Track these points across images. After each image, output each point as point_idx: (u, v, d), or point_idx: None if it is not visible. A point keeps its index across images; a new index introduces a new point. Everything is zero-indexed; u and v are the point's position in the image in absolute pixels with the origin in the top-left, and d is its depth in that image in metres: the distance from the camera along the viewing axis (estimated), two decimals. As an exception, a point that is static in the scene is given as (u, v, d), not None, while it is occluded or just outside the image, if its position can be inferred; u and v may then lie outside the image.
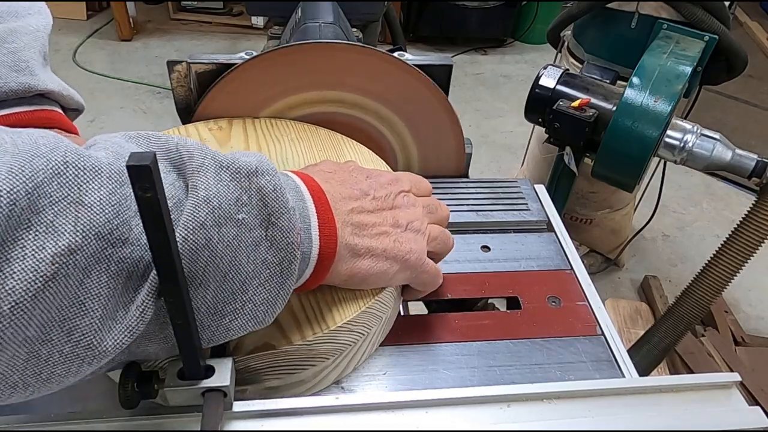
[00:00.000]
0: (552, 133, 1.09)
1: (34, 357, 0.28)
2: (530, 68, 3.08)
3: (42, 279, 0.26)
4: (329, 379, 0.47)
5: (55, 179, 0.28)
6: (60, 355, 0.29)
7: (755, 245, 1.04)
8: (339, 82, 0.65)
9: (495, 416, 0.41)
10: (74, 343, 0.29)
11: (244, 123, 0.64)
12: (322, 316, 0.43)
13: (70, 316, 0.28)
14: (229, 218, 0.33)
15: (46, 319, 0.27)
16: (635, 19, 1.30)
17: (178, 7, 3.28)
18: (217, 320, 0.34)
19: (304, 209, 0.39)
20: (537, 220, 0.67)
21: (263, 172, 0.35)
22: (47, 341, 0.28)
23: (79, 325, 0.29)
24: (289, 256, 0.36)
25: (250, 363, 0.41)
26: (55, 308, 0.28)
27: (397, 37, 1.76)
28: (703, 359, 1.45)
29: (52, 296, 0.27)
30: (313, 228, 0.39)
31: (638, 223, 1.77)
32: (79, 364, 0.30)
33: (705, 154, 1.00)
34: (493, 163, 2.36)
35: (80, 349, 0.29)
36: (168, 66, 0.65)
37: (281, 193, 0.36)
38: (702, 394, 0.43)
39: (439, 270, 0.49)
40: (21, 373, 0.28)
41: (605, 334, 0.53)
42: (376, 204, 0.44)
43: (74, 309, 0.28)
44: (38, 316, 0.27)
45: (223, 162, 0.34)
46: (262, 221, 0.35)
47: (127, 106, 2.57)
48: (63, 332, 0.28)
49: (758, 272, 1.79)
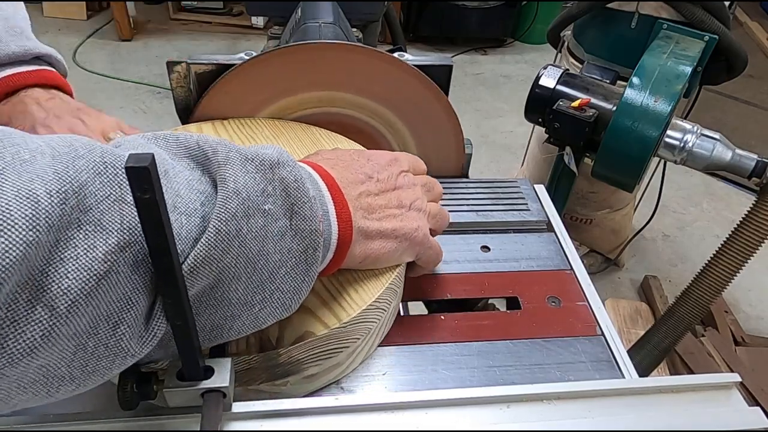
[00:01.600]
0: (552, 133, 1.09)
1: (81, 349, 0.28)
2: (530, 68, 3.08)
3: (96, 277, 0.27)
4: (358, 359, 0.48)
5: (98, 178, 0.28)
6: (105, 348, 0.29)
7: (755, 245, 1.04)
8: (339, 82, 0.65)
9: (495, 417, 0.41)
10: (119, 336, 0.29)
11: (214, 125, 0.64)
12: (351, 298, 0.45)
13: (118, 309, 0.29)
14: (257, 209, 0.34)
15: (96, 314, 0.28)
16: (635, 19, 1.30)
17: (178, 7, 3.28)
18: (248, 310, 0.35)
19: (321, 197, 0.40)
20: (537, 220, 0.67)
21: (284, 163, 0.36)
22: (95, 334, 0.28)
23: (125, 318, 0.29)
24: (313, 243, 0.37)
25: (293, 354, 0.42)
26: (105, 303, 0.28)
27: (397, 37, 1.76)
28: (703, 359, 1.45)
29: (104, 292, 0.28)
30: (331, 214, 0.40)
31: (638, 223, 1.77)
32: (123, 356, 0.30)
33: (705, 154, 1.00)
34: (493, 163, 2.36)
35: (125, 341, 0.30)
36: (168, 66, 0.65)
37: (302, 183, 0.37)
38: (702, 395, 0.43)
39: (439, 245, 0.50)
40: (68, 366, 0.28)
41: (605, 335, 0.53)
42: (381, 186, 0.45)
43: (122, 303, 0.29)
44: (90, 311, 0.27)
45: (248, 154, 0.35)
46: (287, 211, 0.36)
47: (127, 106, 2.57)
48: (109, 325, 0.29)
49: (758, 272, 1.79)
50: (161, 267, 0.29)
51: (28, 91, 0.54)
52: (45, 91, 0.54)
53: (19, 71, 0.53)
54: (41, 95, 0.54)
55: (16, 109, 0.52)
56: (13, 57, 0.52)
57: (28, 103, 0.53)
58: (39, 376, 0.28)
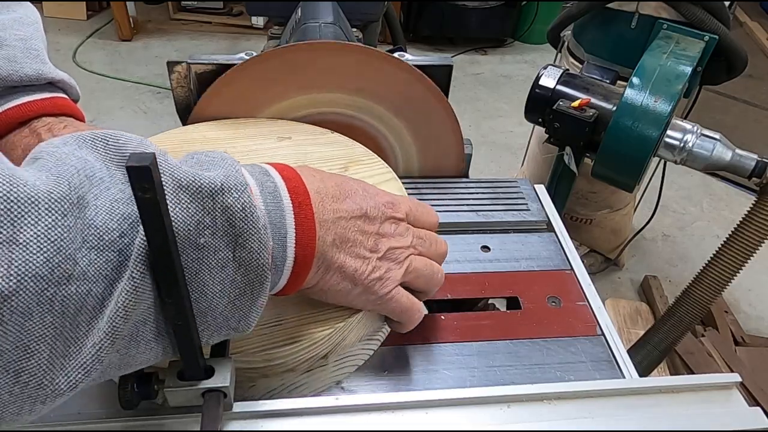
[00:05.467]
0: (552, 133, 1.09)
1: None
2: (530, 68, 3.08)
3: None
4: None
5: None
6: (10, 395, 0.27)
7: (755, 245, 1.04)
8: (339, 82, 0.65)
9: (495, 417, 0.41)
10: (23, 384, 0.27)
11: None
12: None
13: (15, 359, 0.27)
14: (188, 243, 0.31)
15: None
16: (635, 19, 1.30)
17: (178, 7, 3.27)
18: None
19: (280, 219, 0.36)
20: (537, 220, 0.67)
21: (230, 188, 0.32)
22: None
23: (26, 367, 0.27)
24: (259, 277, 0.34)
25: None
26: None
27: (397, 37, 1.76)
28: (703, 359, 1.45)
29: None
30: (289, 240, 0.36)
31: (638, 223, 1.77)
32: (32, 403, 0.28)
33: (705, 154, 1.00)
34: (493, 163, 2.35)
35: (30, 389, 0.28)
36: (168, 66, 0.65)
37: (250, 212, 0.33)
38: (702, 395, 0.43)
39: (415, 304, 0.45)
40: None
41: (605, 335, 0.53)
42: (365, 224, 0.41)
43: (18, 352, 0.27)
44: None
45: (183, 180, 0.31)
46: (229, 243, 0.33)
47: (127, 106, 2.57)
48: (9, 375, 0.27)
49: (758, 272, 1.79)
50: (161, 267, 0.29)
51: (41, 120, 0.52)
52: (58, 120, 0.52)
53: (33, 99, 0.51)
54: (54, 124, 0.52)
55: (29, 141, 0.50)
56: (26, 80, 0.50)
57: (41, 133, 0.51)
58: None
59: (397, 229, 0.44)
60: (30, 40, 0.52)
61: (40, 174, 0.28)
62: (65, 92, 0.55)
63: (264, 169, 0.38)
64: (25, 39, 0.52)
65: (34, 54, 0.52)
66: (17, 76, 0.50)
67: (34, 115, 0.51)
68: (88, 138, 0.32)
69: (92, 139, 0.32)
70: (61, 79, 0.54)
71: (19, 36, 0.52)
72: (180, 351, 0.34)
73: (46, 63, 0.53)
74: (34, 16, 0.55)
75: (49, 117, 0.52)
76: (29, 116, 0.51)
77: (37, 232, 0.26)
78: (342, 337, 0.45)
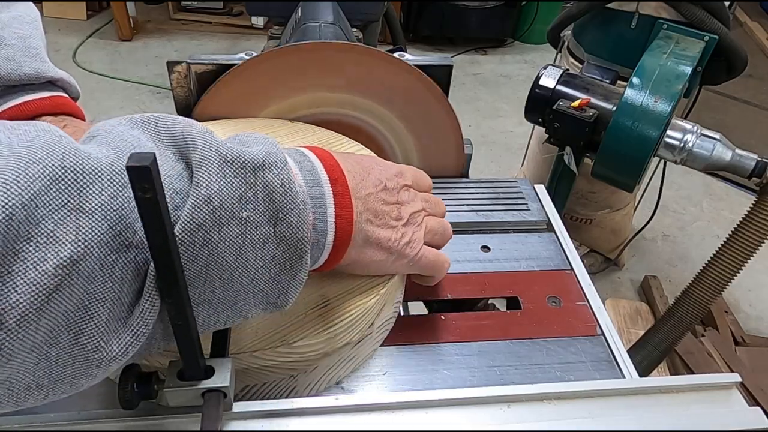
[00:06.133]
0: (552, 133, 1.09)
1: (44, 359, 0.28)
2: (530, 68, 3.08)
3: (46, 291, 0.26)
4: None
5: (54, 186, 0.27)
6: (69, 357, 0.29)
7: (755, 245, 1.04)
8: (339, 82, 0.65)
9: (495, 417, 0.41)
10: (81, 345, 0.29)
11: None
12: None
13: (76, 320, 0.28)
14: (231, 217, 0.32)
15: (53, 325, 0.27)
16: (635, 19, 1.30)
17: (178, 7, 3.27)
18: (231, 307, 0.35)
19: (320, 195, 0.38)
20: (537, 220, 0.67)
21: (270, 165, 0.34)
22: (55, 344, 0.28)
23: (86, 328, 0.28)
24: (299, 251, 0.35)
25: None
26: (61, 314, 0.27)
27: (397, 37, 1.76)
28: (703, 359, 1.45)
29: (57, 305, 0.27)
30: (329, 215, 0.38)
31: (638, 223, 1.77)
32: (88, 366, 0.29)
33: (705, 154, 1.00)
34: (493, 163, 2.35)
35: (88, 351, 0.29)
36: (168, 66, 0.65)
37: (289, 188, 0.34)
38: (702, 395, 0.43)
39: (440, 256, 0.49)
40: (32, 375, 0.28)
41: (605, 335, 0.53)
42: (387, 195, 0.44)
43: (80, 314, 0.28)
44: (44, 324, 0.27)
45: (228, 156, 0.32)
46: (270, 218, 0.34)
47: (127, 106, 2.57)
48: (70, 335, 0.28)
49: (758, 272, 1.79)
50: (162, 266, 0.29)
51: (41, 120, 0.52)
52: (57, 119, 0.53)
53: (32, 98, 0.51)
54: (54, 123, 0.51)
55: None
56: (25, 79, 0.50)
57: None
58: (3, 389, 0.27)
59: (410, 195, 0.47)
60: (29, 38, 0.52)
61: (100, 148, 0.30)
62: (65, 91, 0.55)
63: (300, 151, 0.41)
64: (24, 37, 0.52)
65: (33, 52, 0.52)
66: (16, 75, 0.50)
67: (33, 114, 0.51)
68: (139, 120, 0.34)
69: (143, 122, 0.34)
70: (60, 78, 0.54)
71: (18, 34, 0.51)
72: (180, 351, 0.34)
73: (45, 62, 0.52)
74: (33, 15, 0.55)
75: (49, 116, 0.52)
76: (29, 115, 0.51)
77: (102, 201, 0.28)
78: (385, 301, 0.47)
